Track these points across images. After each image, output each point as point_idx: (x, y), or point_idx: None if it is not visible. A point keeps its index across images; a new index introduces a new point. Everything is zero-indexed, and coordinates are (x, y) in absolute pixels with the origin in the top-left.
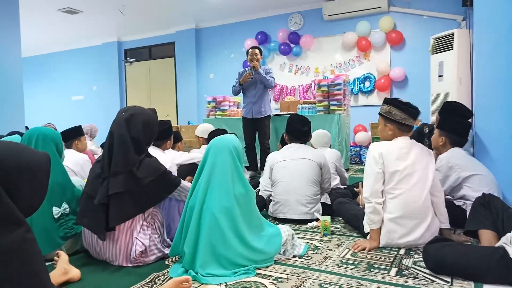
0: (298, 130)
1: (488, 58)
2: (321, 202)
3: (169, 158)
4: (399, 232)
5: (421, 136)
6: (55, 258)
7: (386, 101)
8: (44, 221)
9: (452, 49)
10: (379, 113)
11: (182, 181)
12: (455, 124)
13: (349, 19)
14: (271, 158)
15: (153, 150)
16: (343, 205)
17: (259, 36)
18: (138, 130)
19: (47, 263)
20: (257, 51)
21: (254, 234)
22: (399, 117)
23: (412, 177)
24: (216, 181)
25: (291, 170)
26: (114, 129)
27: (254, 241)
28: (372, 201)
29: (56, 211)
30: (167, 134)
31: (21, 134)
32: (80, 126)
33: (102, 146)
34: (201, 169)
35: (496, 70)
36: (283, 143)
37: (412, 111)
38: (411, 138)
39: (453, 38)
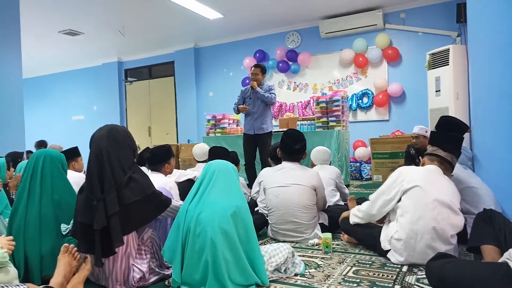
0: (290, 147)
1: (484, 72)
2: (319, 223)
3: (168, 180)
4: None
5: (411, 157)
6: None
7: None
8: (53, 239)
9: (448, 64)
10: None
11: (173, 201)
12: (445, 138)
13: (346, 36)
14: (263, 178)
15: (152, 175)
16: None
17: (258, 55)
18: (120, 145)
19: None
20: (258, 69)
21: (252, 253)
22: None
23: (429, 192)
24: (212, 199)
25: (284, 199)
26: (95, 148)
27: (256, 260)
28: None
29: (64, 227)
30: (165, 157)
31: (19, 155)
32: (76, 147)
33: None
34: (198, 187)
35: (491, 85)
36: (274, 158)
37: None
38: (405, 161)
39: (448, 53)
